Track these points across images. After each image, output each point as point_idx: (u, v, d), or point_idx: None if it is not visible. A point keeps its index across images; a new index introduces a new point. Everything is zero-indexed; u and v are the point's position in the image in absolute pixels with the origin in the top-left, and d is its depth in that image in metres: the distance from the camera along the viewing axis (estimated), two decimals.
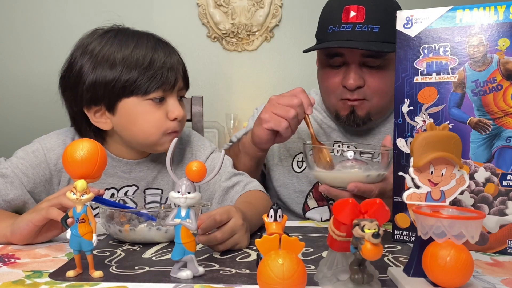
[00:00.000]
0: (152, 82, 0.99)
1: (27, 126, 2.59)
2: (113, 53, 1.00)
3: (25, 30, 2.83)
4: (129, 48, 1.01)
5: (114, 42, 1.02)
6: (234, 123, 2.82)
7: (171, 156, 0.70)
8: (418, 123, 0.87)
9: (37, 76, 2.72)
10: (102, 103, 1.01)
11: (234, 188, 1.09)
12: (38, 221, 0.82)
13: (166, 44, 1.07)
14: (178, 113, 1.02)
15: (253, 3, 2.90)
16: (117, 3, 2.85)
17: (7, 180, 1.00)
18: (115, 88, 0.99)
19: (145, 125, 1.01)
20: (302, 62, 2.93)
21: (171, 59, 1.03)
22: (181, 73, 1.05)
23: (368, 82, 1.16)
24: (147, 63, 1.00)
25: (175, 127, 1.03)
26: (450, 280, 0.61)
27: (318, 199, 1.30)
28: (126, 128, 1.03)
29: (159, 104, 1.01)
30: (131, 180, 1.11)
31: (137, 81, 0.99)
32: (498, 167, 0.83)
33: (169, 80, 1.01)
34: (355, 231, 0.58)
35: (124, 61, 0.99)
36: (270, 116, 1.07)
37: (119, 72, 0.99)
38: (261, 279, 0.58)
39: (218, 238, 0.79)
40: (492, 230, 0.84)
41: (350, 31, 1.12)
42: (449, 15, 0.85)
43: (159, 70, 1.00)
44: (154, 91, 1.00)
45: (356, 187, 0.96)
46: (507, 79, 0.82)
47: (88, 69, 1.00)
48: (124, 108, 1.01)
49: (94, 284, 0.65)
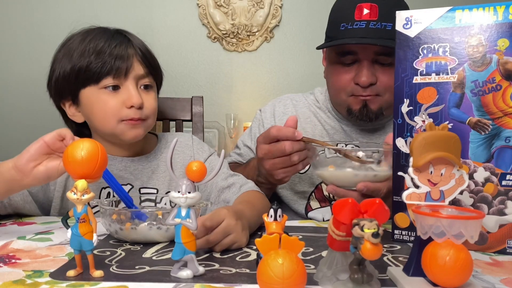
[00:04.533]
0: (101, 70, 1.04)
1: (26, 127, 2.59)
2: (73, 48, 1.08)
3: (24, 30, 2.83)
4: (86, 41, 1.07)
5: (78, 38, 1.09)
6: (234, 123, 2.82)
7: (171, 156, 0.70)
8: (417, 123, 0.87)
9: (36, 76, 2.72)
10: (68, 95, 1.09)
11: (230, 189, 1.10)
12: (49, 138, 0.86)
13: (124, 35, 1.11)
14: (135, 100, 1.05)
15: (253, 4, 2.90)
16: (117, 3, 2.85)
17: None
18: (71, 78, 1.06)
19: (101, 113, 1.06)
20: (302, 62, 2.93)
21: (121, 49, 1.07)
22: (139, 62, 1.08)
23: (380, 79, 1.17)
24: (97, 52, 1.05)
25: (131, 115, 1.06)
26: (449, 279, 0.61)
27: (320, 200, 1.30)
28: (90, 118, 1.09)
29: (113, 92, 1.06)
30: (126, 179, 1.13)
31: (88, 68, 1.04)
32: (498, 167, 0.84)
33: (118, 67, 1.05)
34: (354, 230, 0.58)
35: (79, 52, 1.06)
36: (283, 172, 1.05)
37: (73, 62, 1.06)
38: (261, 279, 0.58)
39: (210, 240, 0.80)
40: (492, 230, 0.84)
41: (364, 29, 1.13)
42: (448, 16, 0.85)
43: (108, 58, 1.04)
44: (104, 78, 1.05)
45: (366, 187, 0.96)
46: (507, 79, 0.82)
47: (55, 65, 1.10)
48: (85, 98, 1.08)
49: (94, 284, 0.65)
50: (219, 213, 0.82)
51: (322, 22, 1.25)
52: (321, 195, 1.29)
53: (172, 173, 0.70)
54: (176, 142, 0.72)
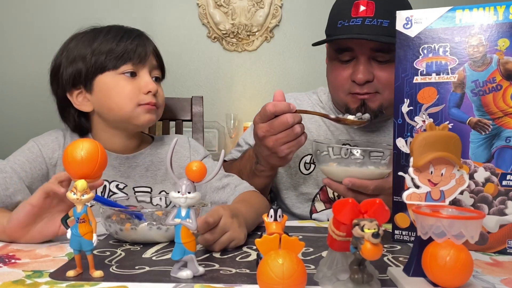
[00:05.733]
0: (123, 55, 1.09)
1: (23, 128, 2.59)
2: (88, 38, 1.11)
3: (22, 30, 2.83)
4: (103, 32, 1.12)
5: (91, 33, 1.13)
6: (234, 123, 2.82)
7: (171, 156, 0.70)
8: (417, 123, 0.87)
9: (32, 76, 2.72)
10: (81, 84, 1.11)
11: (225, 190, 1.11)
12: (34, 200, 0.81)
13: (137, 30, 1.17)
14: (151, 86, 1.10)
15: (253, 4, 2.90)
16: (117, 3, 2.85)
17: (6, 175, 1.02)
18: (89, 63, 1.09)
19: (118, 98, 1.08)
20: (302, 62, 2.93)
21: (140, 38, 1.13)
22: (152, 51, 1.14)
23: (378, 76, 1.16)
24: (119, 39, 1.10)
25: (148, 99, 1.09)
26: (449, 279, 0.61)
27: (325, 201, 1.29)
28: (103, 104, 1.10)
29: (131, 78, 1.10)
30: (120, 178, 1.14)
31: (110, 53, 1.09)
32: (498, 167, 0.83)
33: (138, 53, 1.10)
34: (355, 231, 0.58)
35: (98, 39, 1.10)
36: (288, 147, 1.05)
37: (93, 48, 1.10)
38: (261, 279, 0.58)
39: (209, 239, 0.80)
40: (492, 230, 0.84)
41: (360, 25, 1.12)
42: (448, 15, 0.85)
43: (130, 45, 1.10)
44: (124, 64, 1.09)
45: (351, 182, 0.99)
46: (507, 79, 0.82)
47: (67, 53, 1.12)
48: (100, 85, 1.10)
49: (94, 284, 0.65)
50: (217, 210, 0.83)
51: (322, 21, 1.25)
52: (326, 196, 1.28)
53: (172, 173, 0.70)
54: (176, 142, 0.72)
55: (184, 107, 1.51)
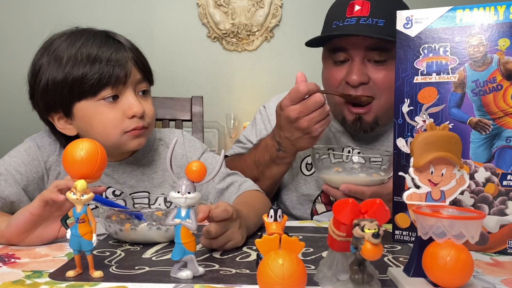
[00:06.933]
0: (100, 81, 0.96)
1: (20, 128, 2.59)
2: (61, 53, 0.98)
3: (22, 29, 2.83)
4: (75, 46, 0.98)
5: (65, 42, 1.00)
6: (234, 123, 2.82)
7: (171, 156, 0.70)
8: (418, 123, 0.87)
9: None
10: (59, 108, 1.00)
11: (229, 189, 1.09)
12: (33, 209, 0.80)
13: (117, 40, 1.03)
14: (136, 109, 0.98)
15: (253, 3, 2.90)
16: (117, 3, 2.85)
17: (1, 178, 1.00)
18: (63, 90, 0.97)
19: (101, 127, 0.99)
20: (302, 62, 2.92)
21: (118, 54, 0.98)
22: (135, 67, 1.01)
23: (374, 78, 1.13)
24: (92, 60, 0.96)
25: (134, 125, 1.00)
26: (450, 280, 0.61)
27: (326, 203, 1.28)
28: (87, 132, 1.01)
29: (113, 102, 0.98)
30: (115, 185, 1.10)
31: (84, 80, 0.96)
32: (498, 167, 0.83)
33: (117, 76, 0.97)
34: (355, 231, 0.58)
35: (71, 60, 0.97)
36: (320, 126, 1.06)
37: (65, 72, 0.96)
38: (261, 279, 0.58)
39: (212, 232, 0.79)
40: (492, 230, 0.84)
41: (354, 24, 1.11)
42: (449, 15, 0.85)
43: (106, 67, 0.96)
44: (102, 89, 0.97)
45: (347, 188, 1.01)
46: (507, 79, 0.82)
47: (40, 74, 0.99)
48: (80, 112, 0.99)
49: (94, 284, 0.65)
50: (227, 205, 0.81)
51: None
52: (327, 198, 1.28)
53: (171, 173, 0.70)
54: (175, 142, 0.71)
55: (184, 107, 1.51)
